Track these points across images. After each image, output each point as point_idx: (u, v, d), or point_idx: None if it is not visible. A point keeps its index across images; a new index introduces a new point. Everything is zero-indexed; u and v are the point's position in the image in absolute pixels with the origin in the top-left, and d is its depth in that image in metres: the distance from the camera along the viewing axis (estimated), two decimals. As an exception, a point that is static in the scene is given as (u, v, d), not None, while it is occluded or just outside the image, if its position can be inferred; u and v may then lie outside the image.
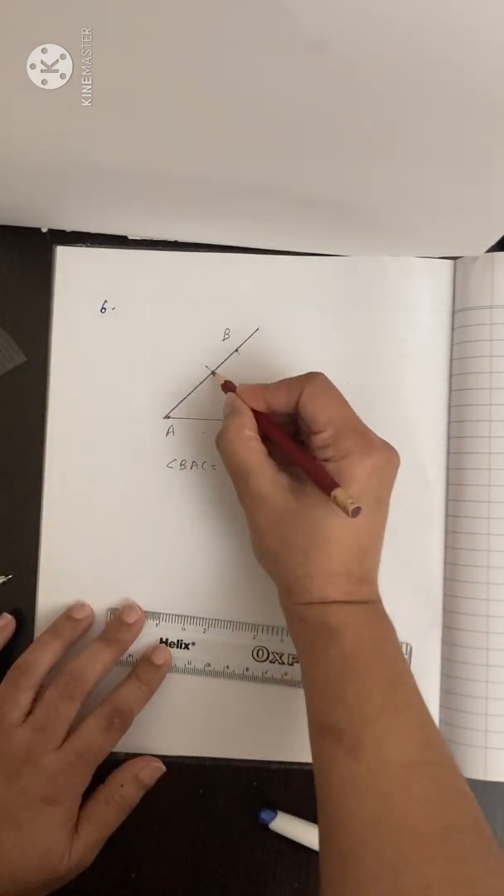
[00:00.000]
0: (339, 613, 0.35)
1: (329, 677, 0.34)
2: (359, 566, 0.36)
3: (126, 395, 0.44)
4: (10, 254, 0.45)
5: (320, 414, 0.36)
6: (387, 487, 0.37)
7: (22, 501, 0.44)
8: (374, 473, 0.35)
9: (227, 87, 0.28)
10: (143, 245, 0.45)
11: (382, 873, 0.30)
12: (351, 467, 0.35)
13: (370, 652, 0.35)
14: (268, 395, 0.38)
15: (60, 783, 0.38)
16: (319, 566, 0.35)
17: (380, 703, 0.33)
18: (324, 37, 0.25)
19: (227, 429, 0.38)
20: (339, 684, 0.34)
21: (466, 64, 0.26)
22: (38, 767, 0.38)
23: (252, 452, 0.37)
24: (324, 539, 0.35)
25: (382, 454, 0.36)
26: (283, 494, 0.36)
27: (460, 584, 0.42)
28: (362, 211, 0.39)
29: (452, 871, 0.30)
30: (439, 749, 0.34)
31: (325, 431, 0.36)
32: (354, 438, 0.36)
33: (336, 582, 0.35)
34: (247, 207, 0.40)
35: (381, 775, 0.32)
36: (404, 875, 0.30)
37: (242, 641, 0.43)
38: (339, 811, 0.32)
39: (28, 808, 0.37)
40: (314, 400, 0.37)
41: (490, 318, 0.43)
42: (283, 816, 0.42)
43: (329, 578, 0.35)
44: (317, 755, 0.34)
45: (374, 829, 0.31)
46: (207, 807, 0.43)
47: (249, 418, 0.38)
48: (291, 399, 0.37)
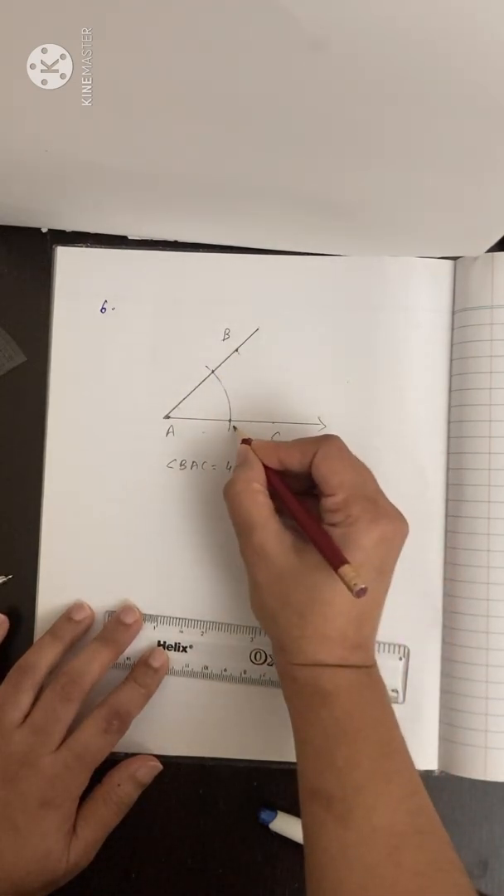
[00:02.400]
0: (332, 677, 0.34)
1: (319, 741, 0.34)
2: (355, 632, 0.35)
3: (126, 395, 0.44)
4: (10, 254, 0.45)
5: (332, 477, 0.36)
6: (392, 558, 0.36)
7: (22, 501, 0.44)
8: (381, 543, 0.35)
9: (227, 87, 0.28)
10: (143, 245, 0.45)
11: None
12: (358, 535, 0.35)
13: (361, 717, 0.34)
14: (282, 452, 0.38)
15: (58, 786, 0.38)
16: (315, 629, 0.35)
17: (369, 769, 0.33)
18: (324, 37, 0.25)
19: (235, 480, 0.38)
20: (329, 749, 0.34)
21: (467, 64, 0.26)
22: (35, 770, 0.38)
23: (258, 506, 0.37)
24: (322, 602, 0.34)
25: (391, 523, 0.36)
26: (285, 552, 0.36)
27: (460, 584, 0.42)
28: (362, 211, 0.39)
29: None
30: (429, 817, 0.33)
31: (336, 495, 0.36)
32: (364, 505, 0.35)
33: (330, 646, 0.35)
34: (247, 207, 0.40)
35: (369, 844, 0.32)
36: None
37: (240, 644, 0.43)
38: (326, 877, 0.32)
39: (25, 811, 0.37)
40: (327, 462, 0.36)
41: (490, 318, 0.43)
42: (283, 816, 0.42)
43: (324, 642, 0.35)
44: (306, 820, 0.34)
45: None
46: (207, 807, 0.43)
47: (260, 472, 0.38)
48: (305, 459, 0.37)
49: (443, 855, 0.33)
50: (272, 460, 0.38)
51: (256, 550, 0.36)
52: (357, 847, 0.32)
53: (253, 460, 0.38)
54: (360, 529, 0.35)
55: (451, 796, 0.33)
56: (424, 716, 0.43)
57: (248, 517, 0.37)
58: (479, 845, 0.43)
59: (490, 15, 0.23)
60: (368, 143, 0.32)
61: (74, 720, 0.40)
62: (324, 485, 0.36)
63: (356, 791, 0.33)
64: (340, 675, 0.35)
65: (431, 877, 0.31)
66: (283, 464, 0.38)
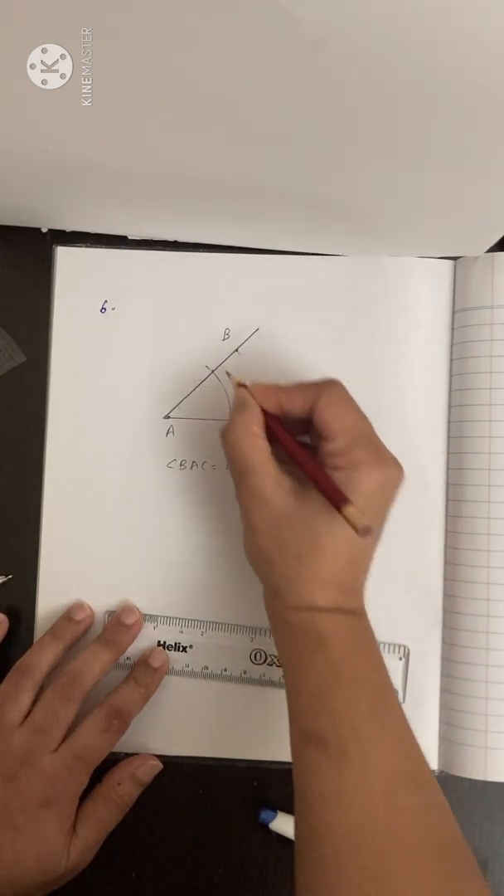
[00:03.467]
0: (326, 621, 0.34)
1: (314, 684, 0.34)
2: (351, 576, 0.35)
3: (126, 395, 0.44)
4: (10, 254, 0.45)
5: (335, 422, 0.35)
6: (389, 503, 0.36)
7: (22, 501, 0.44)
8: (382, 488, 0.35)
9: (227, 87, 0.28)
10: (143, 245, 0.45)
11: (365, 885, 0.30)
12: (360, 479, 0.34)
13: (357, 661, 0.34)
14: (282, 396, 0.37)
15: (58, 785, 0.38)
16: (312, 572, 0.34)
17: (366, 712, 0.33)
18: (324, 37, 0.25)
19: (233, 423, 0.37)
20: (324, 692, 0.34)
21: (467, 64, 0.26)
22: (35, 769, 0.38)
23: (256, 450, 0.36)
24: (320, 546, 0.34)
25: (391, 469, 0.36)
26: (283, 496, 0.36)
27: (460, 584, 0.42)
28: (363, 211, 0.39)
29: (436, 886, 0.30)
30: (421, 762, 0.34)
31: (338, 440, 0.35)
32: (367, 450, 0.35)
33: (326, 590, 0.35)
34: (247, 207, 0.40)
35: (365, 785, 0.32)
36: (388, 887, 0.30)
37: (240, 644, 0.43)
38: (320, 820, 0.32)
39: (25, 810, 0.37)
40: (331, 407, 0.36)
41: (490, 318, 0.43)
42: (283, 816, 0.42)
43: (320, 585, 0.34)
44: (298, 763, 0.34)
45: (357, 840, 0.31)
46: (207, 807, 0.43)
47: (258, 415, 0.37)
48: (307, 404, 0.36)
49: (435, 798, 0.33)
50: (271, 404, 0.37)
51: (254, 493, 0.36)
52: (352, 788, 0.32)
53: (251, 403, 0.37)
54: (362, 474, 0.34)
55: (451, 796, 0.33)
56: (424, 716, 0.43)
57: (245, 460, 0.36)
58: (479, 845, 0.43)
59: (490, 15, 0.23)
60: (368, 143, 0.32)
61: (74, 720, 0.40)
62: (326, 429, 0.36)
63: (352, 733, 0.32)
64: (336, 619, 0.34)
65: (425, 818, 0.32)
66: (283, 408, 0.37)
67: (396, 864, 0.30)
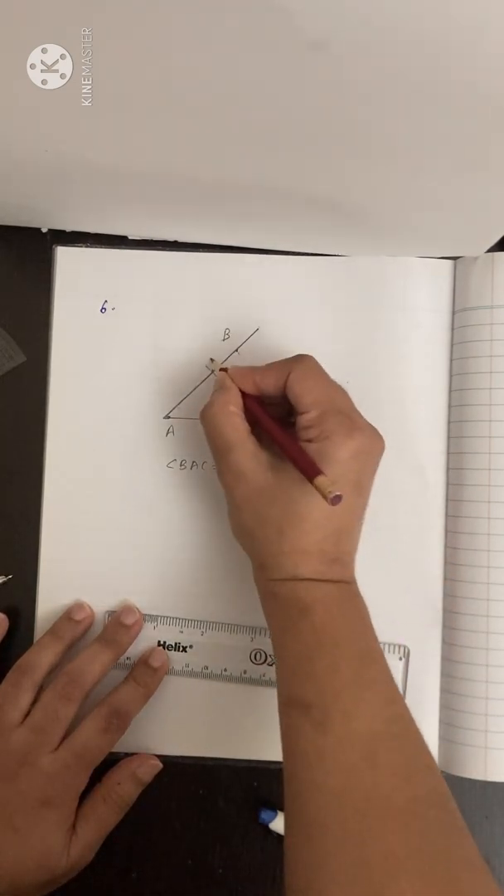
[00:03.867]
0: (310, 590, 0.35)
1: (298, 651, 0.35)
2: (333, 546, 0.36)
3: (126, 395, 0.44)
4: (10, 254, 0.45)
5: (306, 395, 0.36)
6: (369, 471, 0.37)
7: (22, 501, 0.44)
8: (357, 457, 0.36)
9: (227, 87, 0.28)
10: (143, 245, 0.45)
11: (346, 843, 0.30)
12: (333, 448, 0.35)
13: (341, 628, 0.35)
14: (257, 376, 0.38)
15: (57, 785, 0.38)
16: (293, 544, 0.35)
17: (349, 676, 0.34)
18: (324, 37, 0.25)
19: (212, 403, 0.38)
20: (308, 658, 0.34)
21: (467, 64, 0.26)
22: (35, 769, 0.38)
23: (234, 428, 0.37)
24: (299, 518, 0.35)
25: (366, 437, 0.36)
26: (262, 471, 0.36)
27: (460, 584, 0.42)
28: (363, 211, 0.39)
29: (416, 843, 0.30)
30: (407, 724, 0.34)
31: (311, 412, 0.36)
32: (339, 420, 0.36)
33: (309, 560, 0.35)
34: (246, 207, 0.40)
35: (347, 747, 0.32)
36: (368, 845, 0.30)
37: (240, 644, 0.43)
38: (304, 782, 0.32)
39: (25, 810, 0.37)
40: (301, 381, 0.37)
41: (490, 318, 0.43)
42: (283, 816, 0.42)
43: (302, 556, 0.35)
44: (284, 727, 0.35)
45: (339, 800, 0.31)
46: (207, 807, 0.43)
47: (235, 396, 0.38)
48: (280, 381, 0.38)
49: (419, 759, 0.33)
50: (248, 385, 0.39)
51: (233, 470, 0.37)
52: (334, 751, 0.32)
53: (229, 385, 0.39)
54: (335, 443, 0.35)
55: (450, 796, 0.33)
56: (424, 716, 0.43)
57: (224, 438, 0.37)
58: (479, 845, 0.42)
59: (490, 15, 0.23)
60: (368, 144, 0.32)
61: (74, 720, 0.40)
62: (298, 403, 0.37)
63: (334, 697, 0.33)
64: (319, 587, 0.35)
65: (408, 778, 0.32)
66: (259, 387, 0.38)
67: (378, 823, 0.30)
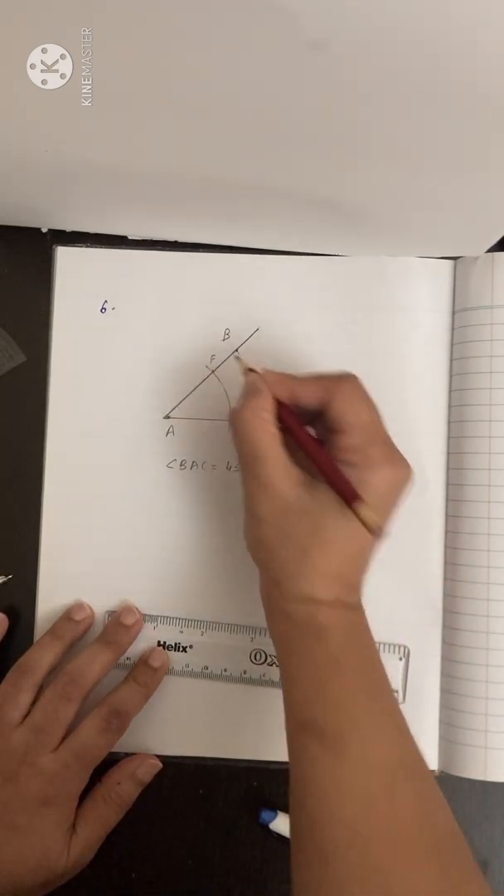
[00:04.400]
0: (327, 614, 0.34)
1: (312, 675, 0.34)
2: (353, 571, 0.35)
3: (126, 395, 0.44)
4: (10, 254, 0.45)
5: (352, 416, 0.35)
6: (398, 503, 0.36)
7: (22, 501, 0.44)
8: (394, 488, 0.35)
9: (227, 87, 0.28)
10: (143, 245, 0.45)
11: (368, 875, 0.30)
12: (375, 478, 0.34)
13: (356, 654, 0.34)
14: (296, 386, 0.36)
15: (57, 784, 0.38)
16: (315, 566, 0.34)
17: (365, 703, 0.33)
18: (324, 37, 0.25)
19: (245, 407, 0.35)
20: (322, 681, 0.33)
21: (467, 64, 0.26)
22: (34, 769, 0.38)
23: (268, 436, 0.35)
24: (327, 540, 0.34)
25: (404, 470, 0.35)
26: (292, 486, 0.35)
27: (460, 584, 0.42)
28: (362, 211, 0.39)
29: (436, 881, 0.30)
30: (419, 760, 0.34)
31: (354, 435, 0.35)
32: (383, 450, 0.35)
33: (329, 583, 0.34)
34: (247, 207, 0.40)
35: (365, 778, 0.32)
36: (392, 879, 0.30)
37: (240, 644, 0.43)
38: (318, 811, 0.32)
39: (25, 810, 0.37)
40: (349, 401, 0.35)
41: (490, 318, 0.43)
42: (283, 816, 0.42)
43: (323, 579, 0.34)
44: (295, 752, 0.34)
45: (357, 830, 0.31)
46: (207, 807, 0.43)
47: (269, 402, 0.36)
48: (322, 396, 0.35)
49: (434, 795, 0.33)
50: (283, 392, 0.36)
51: (262, 482, 0.35)
52: (352, 780, 0.31)
53: (264, 389, 0.36)
54: (378, 473, 0.34)
55: (451, 796, 0.33)
56: (424, 716, 0.43)
57: (255, 445, 0.35)
58: (479, 845, 0.43)
59: (490, 15, 0.23)
60: (368, 144, 0.32)
61: (74, 720, 0.40)
62: (340, 422, 0.35)
63: (352, 724, 0.32)
64: (336, 612, 0.34)
65: (427, 813, 0.32)
66: (295, 397, 0.36)
67: (396, 856, 0.30)
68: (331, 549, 0.34)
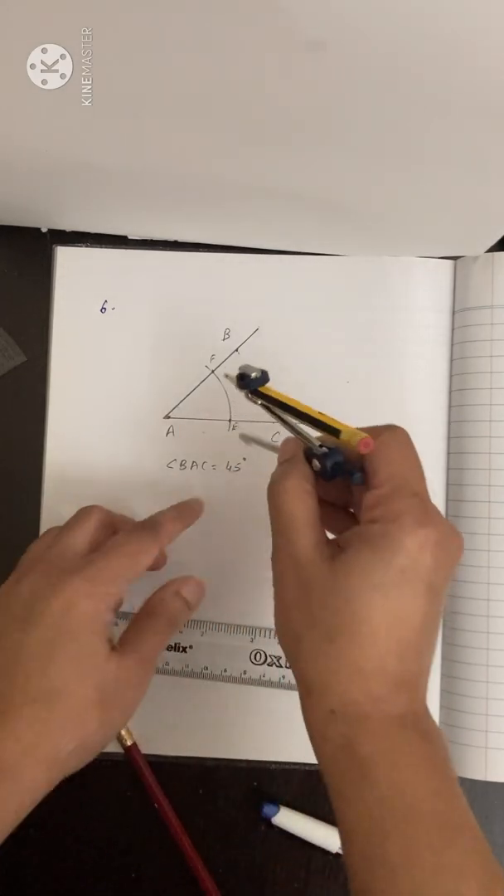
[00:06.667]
0: (370, 738, 0.27)
1: (365, 829, 0.27)
2: (397, 663, 0.28)
3: (126, 395, 0.44)
4: (10, 254, 0.45)
5: (384, 467, 0.30)
6: (442, 572, 0.29)
7: (22, 501, 0.44)
8: (428, 549, 0.28)
9: (227, 87, 0.28)
10: (143, 245, 0.45)
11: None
12: (400, 533, 0.28)
13: (414, 792, 0.27)
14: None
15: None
16: (346, 657, 0.28)
17: (431, 864, 0.25)
18: (323, 37, 0.25)
19: (286, 475, 0.32)
20: (378, 839, 0.26)
21: (466, 64, 0.26)
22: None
23: (307, 509, 0.31)
24: (355, 620, 0.28)
25: (441, 529, 0.29)
26: (321, 562, 0.30)
27: (460, 584, 0.42)
28: (362, 211, 0.39)
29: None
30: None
31: (383, 487, 0.30)
32: (412, 503, 0.29)
33: (365, 681, 0.28)
34: (247, 207, 0.40)
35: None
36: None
37: (240, 644, 0.43)
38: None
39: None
40: (385, 449, 0.31)
41: (490, 318, 0.43)
42: (285, 811, 0.42)
43: (357, 675, 0.28)
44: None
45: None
46: (207, 807, 0.43)
47: (309, 473, 0.32)
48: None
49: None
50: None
51: (291, 554, 0.31)
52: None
53: (301, 458, 0.33)
54: (402, 527, 0.28)
55: (451, 796, 0.33)
56: (424, 716, 0.43)
57: (292, 517, 0.31)
58: (479, 845, 0.43)
59: (489, 15, 0.23)
60: (368, 144, 0.32)
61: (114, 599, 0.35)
62: (373, 476, 0.31)
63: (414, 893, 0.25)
64: (380, 733, 0.27)
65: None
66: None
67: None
68: (362, 633, 0.28)
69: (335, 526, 0.34)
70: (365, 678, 0.28)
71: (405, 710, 0.28)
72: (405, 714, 0.28)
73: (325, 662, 0.28)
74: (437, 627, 0.30)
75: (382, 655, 0.28)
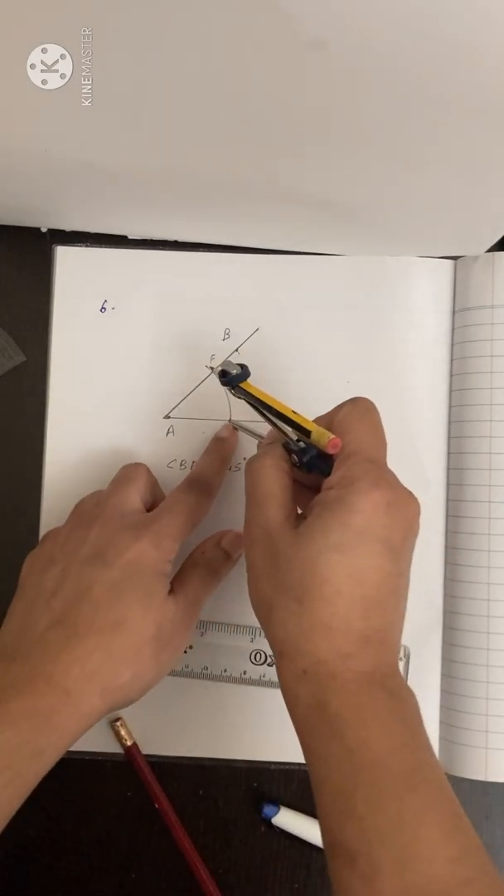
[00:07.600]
0: (339, 695, 0.28)
1: (334, 783, 0.28)
2: (362, 620, 0.29)
3: (126, 395, 0.44)
4: (10, 254, 0.45)
5: (343, 435, 0.32)
6: (400, 531, 0.30)
7: (22, 501, 0.44)
8: (381, 509, 0.29)
9: (227, 87, 0.28)
10: (143, 245, 0.45)
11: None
12: (355, 495, 0.30)
13: (379, 744, 0.27)
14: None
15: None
16: (313, 616, 0.29)
17: (395, 812, 0.26)
18: (323, 37, 0.25)
19: (266, 454, 0.34)
20: (345, 791, 0.27)
21: (466, 64, 0.26)
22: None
23: (282, 486, 0.33)
24: (320, 581, 0.29)
25: (396, 493, 0.30)
26: (289, 530, 0.31)
27: (460, 585, 0.42)
28: (362, 211, 0.39)
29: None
30: (476, 858, 0.26)
31: (340, 456, 0.32)
32: (367, 468, 0.31)
33: (332, 638, 0.29)
34: (247, 207, 0.40)
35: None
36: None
37: (240, 644, 0.43)
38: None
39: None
40: (345, 420, 0.33)
41: (490, 318, 0.43)
42: (285, 811, 0.42)
43: (324, 633, 0.29)
44: (333, 882, 0.27)
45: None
46: (207, 807, 0.43)
47: (289, 462, 0.34)
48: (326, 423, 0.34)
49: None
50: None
51: (262, 525, 0.32)
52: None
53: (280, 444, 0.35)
54: (357, 490, 0.30)
55: (451, 796, 0.33)
56: (424, 716, 0.42)
57: (266, 489, 0.33)
58: (479, 845, 0.43)
59: (489, 15, 0.23)
60: (368, 144, 0.32)
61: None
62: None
63: (381, 841, 0.26)
64: (347, 688, 0.28)
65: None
66: None
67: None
68: (326, 592, 0.29)
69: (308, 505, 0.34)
70: (332, 636, 0.29)
71: (372, 667, 0.29)
72: (373, 671, 0.29)
73: (295, 623, 0.29)
74: (401, 587, 0.31)
75: (347, 613, 0.29)
